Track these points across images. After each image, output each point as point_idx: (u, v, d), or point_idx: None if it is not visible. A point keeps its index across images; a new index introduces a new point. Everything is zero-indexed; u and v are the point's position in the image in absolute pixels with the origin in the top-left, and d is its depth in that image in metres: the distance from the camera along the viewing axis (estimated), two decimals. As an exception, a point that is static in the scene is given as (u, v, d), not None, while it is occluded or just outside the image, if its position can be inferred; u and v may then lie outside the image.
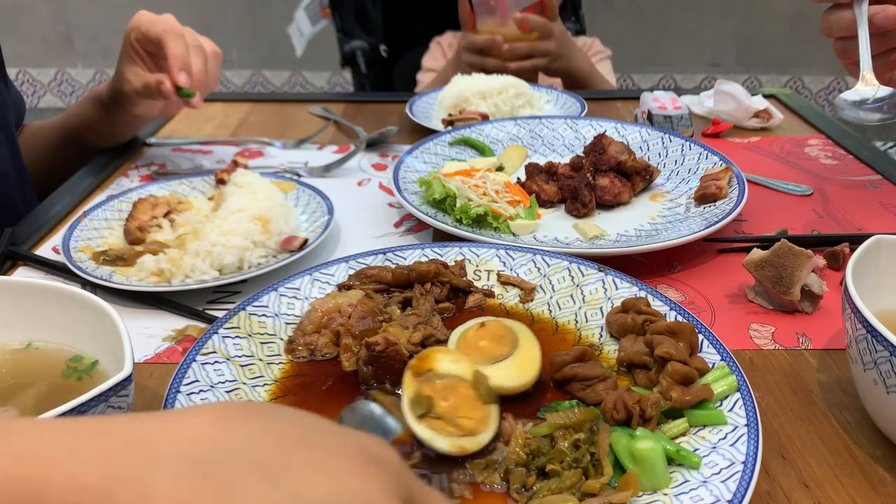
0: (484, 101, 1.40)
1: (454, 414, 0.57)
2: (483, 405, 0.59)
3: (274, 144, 1.32)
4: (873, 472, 0.59)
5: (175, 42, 1.04)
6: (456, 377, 0.60)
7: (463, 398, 0.59)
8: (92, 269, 0.84)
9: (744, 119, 1.37)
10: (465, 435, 0.56)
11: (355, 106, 1.56)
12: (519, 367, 0.64)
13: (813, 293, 0.80)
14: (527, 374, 0.63)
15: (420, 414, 0.57)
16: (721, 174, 1.02)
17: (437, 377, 0.60)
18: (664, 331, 0.66)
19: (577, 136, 1.25)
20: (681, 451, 0.56)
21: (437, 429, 0.56)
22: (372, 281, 0.79)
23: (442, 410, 0.57)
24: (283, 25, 2.83)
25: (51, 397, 0.58)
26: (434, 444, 0.56)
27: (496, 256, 0.84)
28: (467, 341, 0.67)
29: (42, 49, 3.80)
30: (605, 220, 1.00)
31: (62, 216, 1.05)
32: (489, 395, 0.59)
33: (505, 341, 0.66)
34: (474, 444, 0.57)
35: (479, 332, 0.68)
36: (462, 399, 0.58)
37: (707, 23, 3.60)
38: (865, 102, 0.96)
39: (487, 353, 0.65)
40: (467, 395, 0.59)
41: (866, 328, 0.56)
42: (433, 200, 0.98)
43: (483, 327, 0.68)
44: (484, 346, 0.66)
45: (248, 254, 0.87)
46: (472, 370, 0.60)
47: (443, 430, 0.56)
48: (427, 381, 0.59)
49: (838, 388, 0.69)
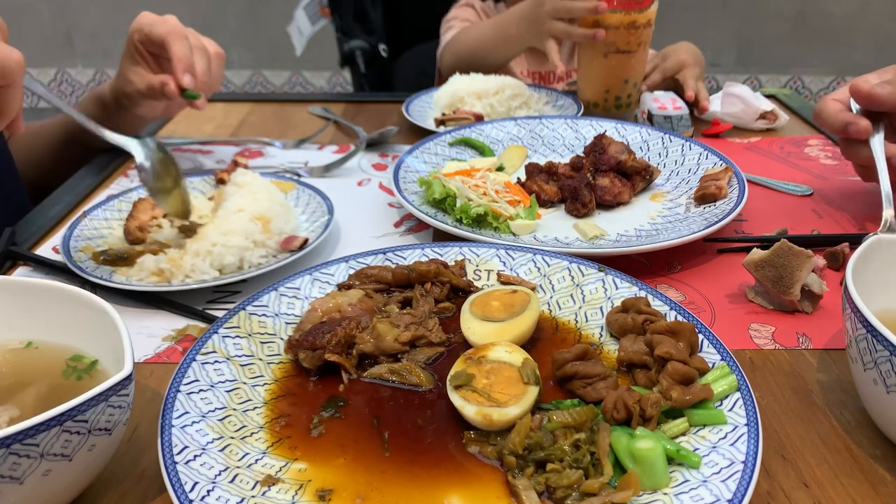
0: (479, 101, 1.40)
1: (490, 389, 0.61)
2: (522, 384, 0.61)
3: (274, 144, 1.32)
4: (873, 472, 0.59)
5: (179, 44, 1.04)
6: (505, 363, 0.63)
7: (504, 378, 0.62)
8: (92, 269, 0.84)
9: (750, 121, 1.37)
10: (496, 406, 0.59)
11: (355, 106, 1.56)
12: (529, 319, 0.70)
13: (813, 293, 0.80)
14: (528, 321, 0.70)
15: (457, 385, 0.61)
16: (721, 174, 1.02)
17: (487, 361, 0.64)
18: (664, 331, 0.66)
19: (577, 136, 1.25)
20: (681, 450, 0.56)
21: (470, 399, 0.60)
22: (372, 280, 0.79)
23: (480, 386, 0.61)
24: (283, 25, 2.84)
25: (51, 396, 0.58)
26: (464, 411, 0.60)
27: (496, 256, 0.84)
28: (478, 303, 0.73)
29: (42, 49, 3.80)
30: (605, 220, 1.00)
31: (62, 216, 1.05)
32: (531, 375, 0.61)
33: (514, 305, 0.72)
34: (501, 415, 0.59)
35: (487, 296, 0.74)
36: (503, 379, 0.62)
37: (707, 23, 3.60)
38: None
39: (501, 311, 0.71)
40: (510, 376, 0.62)
41: (866, 328, 0.56)
42: (433, 200, 0.98)
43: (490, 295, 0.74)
44: (496, 305, 0.72)
45: (248, 253, 0.87)
46: (523, 358, 0.63)
47: (474, 401, 0.60)
48: (475, 363, 0.63)
49: (838, 388, 0.69)
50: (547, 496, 0.54)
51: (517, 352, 0.64)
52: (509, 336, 0.68)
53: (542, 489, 0.54)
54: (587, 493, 0.53)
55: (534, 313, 0.71)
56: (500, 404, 0.59)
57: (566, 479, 0.54)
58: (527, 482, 0.55)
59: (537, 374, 0.62)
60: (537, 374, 0.62)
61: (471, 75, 1.46)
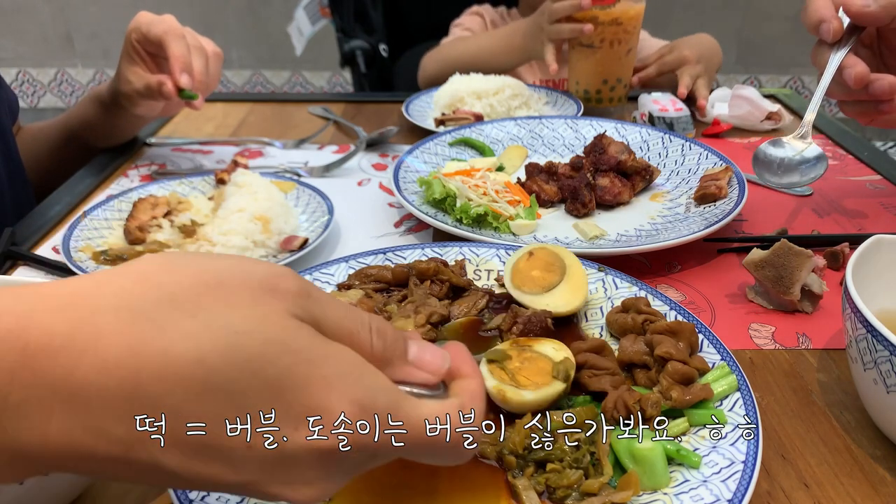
0: (479, 101, 1.40)
1: (518, 372, 0.62)
2: (550, 377, 0.61)
3: (274, 144, 1.32)
4: (873, 472, 0.59)
5: (176, 43, 1.04)
6: (545, 356, 0.64)
7: (537, 367, 0.62)
8: (92, 269, 0.84)
9: (756, 122, 1.36)
10: (514, 387, 0.60)
11: (355, 106, 1.56)
12: (570, 293, 0.72)
13: (813, 293, 0.80)
14: (577, 299, 0.72)
15: (490, 359, 0.63)
16: (721, 174, 1.02)
17: (531, 350, 0.65)
18: (664, 330, 0.66)
19: (577, 136, 1.25)
20: (681, 450, 0.56)
21: (495, 374, 0.61)
22: (372, 280, 0.79)
23: (511, 368, 0.62)
24: (283, 25, 2.84)
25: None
26: (485, 382, 0.60)
27: (496, 256, 0.84)
28: (520, 272, 0.74)
29: (42, 49, 3.79)
30: (605, 220, 1.00)
31: (62, 216, 1.05)
32: (562, 372, 0.62)
33: (554, 268, 0.74)
34: (515, 395, 0.59)
35: (529, 261, 0.75)
36: (535, 367, 0.62)
37: (707, 23, 3.60)
38: (790, 160, 0.92)
39: (540, 283, 0.73)
40: (542, 367, 0.62)
41: (866, 328, 0.56)
42: (433, 200, 0.98)
43: (532, 256, 0.75)
44: (536, 275, 0.74)
45: (248, 254, 0.87)
46: (564, 357, 0.64)
47: (498, 377, 0.61)
48: (518, 348, 0.65)
49: (838, 388, 0.69)
50: (547, 496, 0.54)
51: (563, 351, 0.65)
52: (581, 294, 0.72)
53: (542, 489, 0.54)
54: (587, 493, 0.53)
55: (574, 260, 0.74)
56: (519, 386, 0.60)
57: (566, 479, 0.54)
58: (527, 482, 0.55)
59: (569, 374, 0.62)
60: (569, 374, 0.62)
61: (470, 75, 1.46)
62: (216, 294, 0.36)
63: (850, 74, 0.86)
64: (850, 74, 0.86)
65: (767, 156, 0.95)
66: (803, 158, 0.93)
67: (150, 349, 0.33)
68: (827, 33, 0.89)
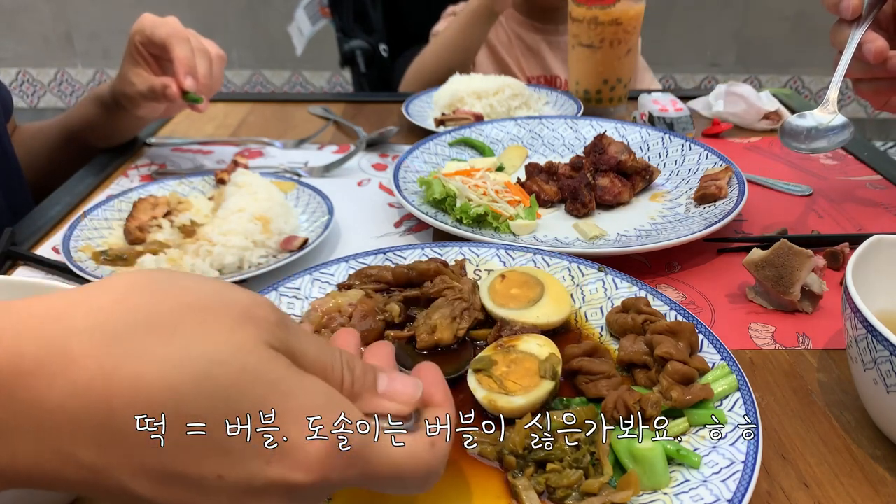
0: (479, 101, 1.40)
1: (506, 377, 0.62)
2: (537, 377, 0.62)
3: (274, 144, 1.32)
4: (873, 472, 0.59)
5: (181, 46, 1.04)
6: (531, 355, 0.64)
7: (523, 369, 0.63)
8: (92, 269, 0.84)
9: (753, 121, 1.36)
10: (504, 394, 0.60)
11: (355, 106, 1.56)
12: (556, 303, 0.72)
13: (813, 293, 0.80)
14: (563, 309, 0.72)
15: (476, 368, 0.63)
16: (721, 174, 1.02)
17: (516, 351, 0.64)
18: (664, 330, 0.66)
19: (577, 136, 1.25)
20: (681, 450, 0.56)
21: (484, 383, 0.61)
22: (372, 280, 0.79)
23: (498, 373, 0.62)
24: (283, 25, 2.84)
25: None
26: (475, 393, 0.61)
27: (496, 256, 0.84)
28: (499, 293, 0.74)
29: (42, 49, 3.80)
30: (605, 220, 1.00)
31: (62, 216, 1.05)
32: (549, 370, 0.62)
33: (531, 284, 0.74)
34: (506, 403, 0.60)
35: (504, 283, 0.75)
36: (522, 370, 0.63)
37: (707, 23, 3.60)
38: (816, 129, 0.94)
39: (522, 299, 0.73)
40: (529, 368, 0.63)
41: (866, 328, 0.56)
42: (433, 200, 0.98)
43: (505, 279, 0.75)
44: (516, 293, 0.74)
45: (248, 254, 0.87)
46: (549, 353, 0.64)
47: (487, 386, 0.61)
48: (503, 351, 0.65)
49: (838, 388, 0.69)
50: (547, 496, 0.54)
51: (548, 346, 0.65)
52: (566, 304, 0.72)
53: (542, 489, 0.54)
54: (587, 493, 0.53)
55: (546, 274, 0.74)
56: (508, 392, 0.60)
57: (566, 479, 0.54)
58: (527, 482, 0.55)
59: (556, 371, 0.62)
60: (556, 371, 0.62)
61: (470, 75, 1.46)
62: (196, 317, 0.35)
63: (871, 49, 0.87)
64: (871, 49, 0.87)
65: (794, 127, 0.95)
66: (830, 126, 0.94)
67: (121, 374, 0.33)
68: (847, 10, 0.90)
